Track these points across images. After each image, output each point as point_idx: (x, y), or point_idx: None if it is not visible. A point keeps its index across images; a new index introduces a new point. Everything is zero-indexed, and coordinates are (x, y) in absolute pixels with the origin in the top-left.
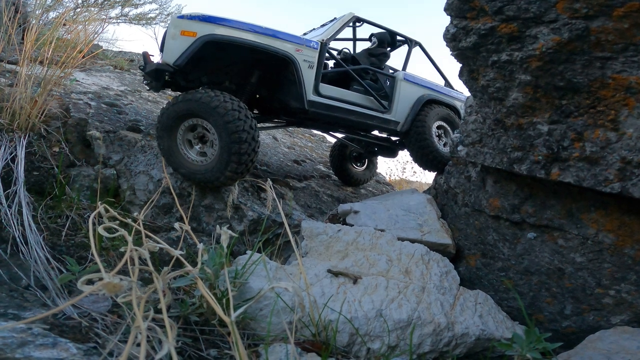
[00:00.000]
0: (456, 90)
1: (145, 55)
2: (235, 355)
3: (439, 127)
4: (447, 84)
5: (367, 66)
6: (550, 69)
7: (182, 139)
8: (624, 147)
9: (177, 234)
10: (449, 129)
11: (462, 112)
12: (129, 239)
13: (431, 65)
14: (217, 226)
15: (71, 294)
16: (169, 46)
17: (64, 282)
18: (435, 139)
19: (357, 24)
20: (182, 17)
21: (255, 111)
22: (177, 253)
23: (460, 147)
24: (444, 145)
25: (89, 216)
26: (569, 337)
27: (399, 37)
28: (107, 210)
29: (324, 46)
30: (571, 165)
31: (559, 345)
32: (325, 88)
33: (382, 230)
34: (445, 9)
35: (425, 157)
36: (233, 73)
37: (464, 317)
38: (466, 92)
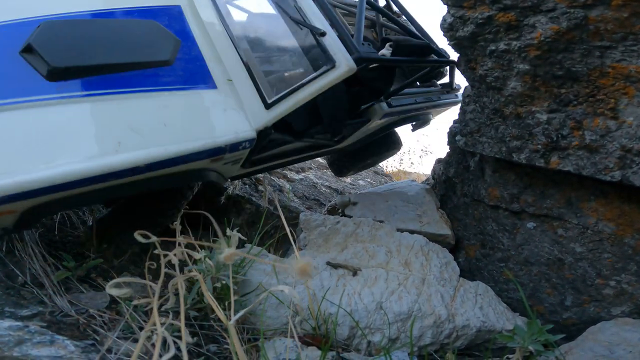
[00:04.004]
0: (454, 94)
1: None
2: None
3: None
4: (451, 84)
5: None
6: (549, 58)
7: None
8: (624, 135)
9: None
10: None
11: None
12: None
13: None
14: (228, 229)
15: (68, 291)
16: None
17: (60, 279)
18: None
19: None
20: None
21: None
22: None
23: (458, 137)
24: None
25: (85, 212)
26: (569, 329)
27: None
28: None
29: (264, 135)
30: (571, 154)
31: (560, 337)
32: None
33: (381, 222)
34: None
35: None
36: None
37: (464, 309)
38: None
